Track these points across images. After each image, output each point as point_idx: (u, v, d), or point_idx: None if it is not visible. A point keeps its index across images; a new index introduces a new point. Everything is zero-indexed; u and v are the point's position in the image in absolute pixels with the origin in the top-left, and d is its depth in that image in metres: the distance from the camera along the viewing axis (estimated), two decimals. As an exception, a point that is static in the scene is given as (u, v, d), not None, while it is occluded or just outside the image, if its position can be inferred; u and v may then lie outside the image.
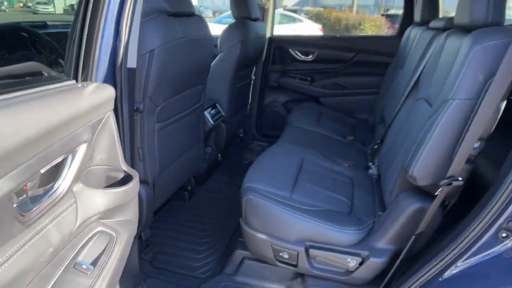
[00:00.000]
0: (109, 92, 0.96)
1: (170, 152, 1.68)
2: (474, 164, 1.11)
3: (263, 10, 2.76)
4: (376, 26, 11.84)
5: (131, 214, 1.09)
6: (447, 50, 1.35)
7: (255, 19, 2.41)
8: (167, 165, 1.67)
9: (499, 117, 1.06)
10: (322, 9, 15.16)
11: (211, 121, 2.11)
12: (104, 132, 0.98)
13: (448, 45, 1.36)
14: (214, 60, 2.27)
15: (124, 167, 1.04)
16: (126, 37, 0.97)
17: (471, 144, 1.03)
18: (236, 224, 1.68)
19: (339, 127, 2.36)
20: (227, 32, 2.21)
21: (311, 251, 1.31)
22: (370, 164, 1.82)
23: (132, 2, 0.96)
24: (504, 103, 1.05)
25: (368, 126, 2.56)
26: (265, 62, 2.91)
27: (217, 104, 2.28)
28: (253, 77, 2.73)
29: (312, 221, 1.30)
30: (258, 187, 1.42)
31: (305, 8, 18.24)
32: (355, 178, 1.70)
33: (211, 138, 2.39)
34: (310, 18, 12.63)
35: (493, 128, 1.07)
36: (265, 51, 2.86)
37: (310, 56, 2.87)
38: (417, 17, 2.14)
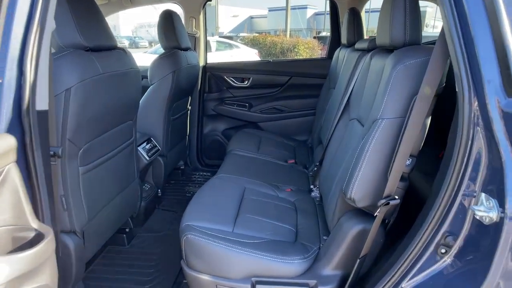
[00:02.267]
0: (7, 142, 0.83)
1: (100, 197, 1.52)
2: (409, 180, 1.14)
3: (194, 39, 2.73)
4: (309, 48, 12.54)
5: (47, 277, 0.93)
6: (373, 70, 1.41)
7: (186, 49, 2.37)
8: (98, 210, 1.51)
9: (426, 133, 1.10)
10: (257, 34, 15.72)
11: (147, 157, 1.98)
12: (4, 188, 0.83)
13: (373, 65, 1.42)
14: (145, 93, 2.17)
15: (34, 224, 0.89)
16: (32, 76, 0.85)
17: (402, 162, 1.05)
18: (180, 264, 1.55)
19: (279, 151, 2.36)
20: (157, 63, 2.13)
21: (258, 286, 1.23)
22: (312, 187, 1.82)
23: (37, 38, 0.85)
24: (429, 119, 1.10)
25: (308, 147, 2.60)
26: (201, 91, 2.86)
27: (152, 139, 2.16)
28: (189, 107, 2.66)
29: (255, 255, 1.23)
30: (197, 224, 1.32)
31: (241, 34, 18.83)
32: (298, 203, 1.67)
33: (149, 174, 2.24)
34: (246, 44, 13.01)
35: (422, 144, 1.11)
36: (199, 80, 2.81)
37: (246, 82, 2.88)
38: (343, 39, 2.25)
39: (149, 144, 2.11)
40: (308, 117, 2.85)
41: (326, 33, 17.76)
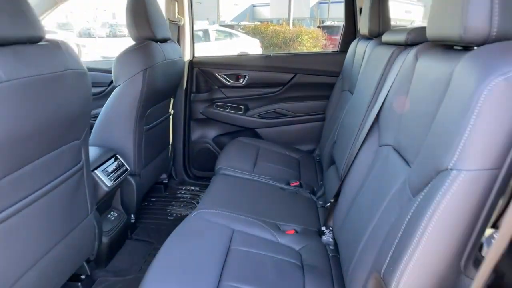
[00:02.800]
0: None
1: (22, 256, 1.06)
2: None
3: (178, 28, 2.24)
4: (313, 38, 11.96)
5: None
6: (423, 75, 0.93)
7: (164, 40, 1.88)
8: (19, 276, 1.05)
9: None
10: (259, 23, 15.13)
11: (107, 183, 1.53)
12: None
13: (423, 68, 0.94)
14: (109, 98, 1.70)
15: None
16: None
17: (500, 247, 0.58)
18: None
19: (280, 168, 1.90)
20: (122, 59, 1.65)
21: None
22: (323, 228, 1.36)
23: None
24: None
25: (315, 161, 2.13)
26: (187, 90, 2.39)
27: (118, 156, 1.70)
28: (172, 111, 2.19)
29: None
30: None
31: (242, 23, 18.19)
32: (305, 255, 1.22)
33: (116, 199, 1.79)
34: (247, 33, 12.43)
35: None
36: (185, 77, 2.33)
37: (241, 80, 2.40)
38: (363, 29, 1.77)
39: (115, 163, 1.64)
40: (315, 123, 2.38)
41: (331, 22, 17.12)
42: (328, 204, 1.36)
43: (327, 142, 1.89)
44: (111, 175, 1.57)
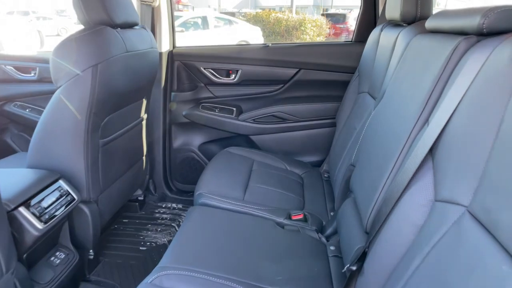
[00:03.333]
0: None
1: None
2: None
3: (152, 11, 1.79)
4: (317, 27, 11.44)
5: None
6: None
7: (129, 25, 1.44)
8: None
9: None
10: (260, 11, 14.56)
11: (38, 224, 1.10)
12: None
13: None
14: (48, 105, 1.27)
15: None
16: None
17: None
18: None
19: (279, 193, 1.47)
20: (62, 52, 1.21)
21: None
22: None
23: None
24: None
25: (322, 179, 1.71)
26: (166, 89, 1.95)
27: (62, 180, 1.27)
28: (145, 116, 1.75)
29: None
30: None
31: (243, 10, 17.58)
32: None
33: (64, 235, 1.37)
34: (248, 20, 11.89)
35: None
36: (163, 73, 1.89)
37: (233, 77, 1.96)
38: (392, 13, 1.32)
39: (55, 192, 1.22)
40: (323, 130, 1.95)
41: (335, 10, 16.45)
42: (353, 269, 0.92)
43: (340, 158, 1.46)
44: (46, 211, 1.15)
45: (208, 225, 1.21)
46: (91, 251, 1.48)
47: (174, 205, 2.09)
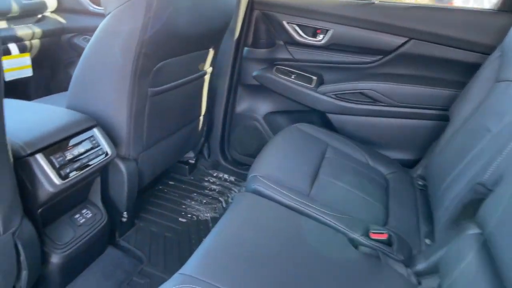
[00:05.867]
0: None
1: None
2: None
3: None
4: None
5: None
6: None
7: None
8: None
9: None
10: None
11: (56, 179, 0.90)
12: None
13: None
14: (91, 39, 1.05)
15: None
16: None
17: None
18: None
19: (356, 196, 1.11)
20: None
21: None
22: None
23: None
24: None
25: (414, 187, 1.30)
26: (239, 42, 1.64)
27: (97, 129, 1.06)
28: (210, 69, 1.47)
29: None
30: None
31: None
32: None
33: (94, 191, 1.18)
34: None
35: None
36: (239, 22, 1.58)
37: (320, 38, 1.57)
38: None
39: (86, 142, 1.01)
40: (426, 123, 1.50)
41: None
42: None
43: (453, 167, 1.03)
44: (69, 164, 0.95)
45: (257, 224, 0.91)
46: (124, 213, 1.30)
47: (226, 176, 1.85)
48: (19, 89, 1.92)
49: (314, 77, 1.61)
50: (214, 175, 1.86)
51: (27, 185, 0.89)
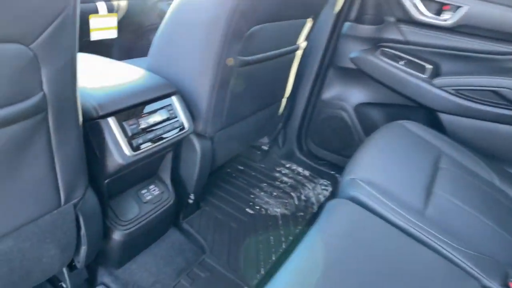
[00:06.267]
0: None
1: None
2: None
3: None
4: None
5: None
6: None
7: None
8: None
9: None
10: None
11: (126, 150, 0.77)
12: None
13: None
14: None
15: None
16: None
17: None
18: None
19: (484, 224, 0.84)
20: None
21: None
22: None
23: None
24: None
25: None
26: (340, 16, 1.39)
27: (175, 98, 0.92)
28: (304, 44, 1.25)
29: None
30: None
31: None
32: None
33: (164, 167, 1.06)
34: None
35: None
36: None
37: (447, 16, 1.26)
38: None
39: (163, 110, 0.88)
40: None
41: None
42: None
43: None
44: (142, 133, 0.81)
45: (359, 243, 0.70)
46: (191, 195, 1.17)
47: (300, 169, 1.65)
48: (102, 51, 1.90)
49: (429, 66, 1.31)
50: (287, 166, 1.67)
51: (96, 152, 0.77)
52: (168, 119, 0.88)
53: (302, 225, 1.32)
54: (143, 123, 0.81)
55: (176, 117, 0.90)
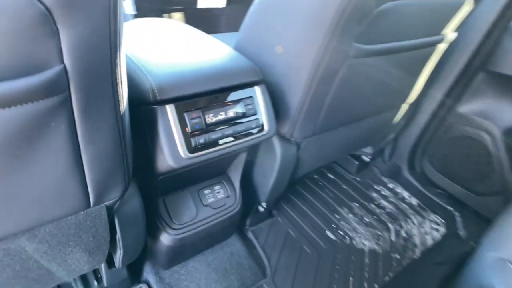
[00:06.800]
0: None
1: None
2: None
3: None
4: None
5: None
6: None
7: None
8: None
9: None
10: None
11: (182, 152, 0.60)
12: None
13: None
14: None
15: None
16: None
17: None
18: None
19: None
20: None
21: None
22: None
23: None
24: None
25: None
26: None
27: (258, 89, 0.70)
28: (453, 35, 0.90)
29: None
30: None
31: None
32: None
33: (235, 168, 0.87)
34: None
35: None
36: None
37: None
38: None
39: (239, 104, 0.67)
40: None
41: None
42: None
43: None
44: (206, 133, 0.63)
45: None
46: (263, 204, 0.98)
47: (406, 194, 1.31)
48: (208, 21, 1.79)
49: None
50: (389, 186, 1.34)
51: (149, 144, 0.62)
52: (244, 115, 0.67)
53: (395, 272, 1.02)
54: (210, 117, 0.63)
55: (255, 114, 0.69)
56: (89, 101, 0.44)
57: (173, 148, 0.59)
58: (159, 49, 0.68)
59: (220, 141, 0.64)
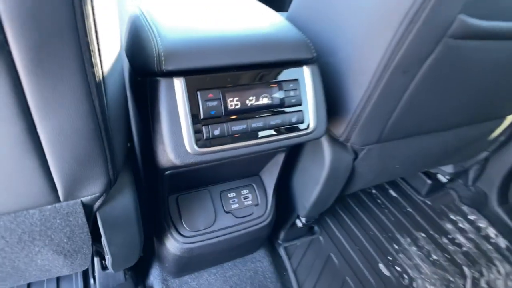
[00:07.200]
0: None
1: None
2: None
3: None
4: None
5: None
6: None
7: None
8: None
9: None
10: None
11: (190, 144, 0.44)
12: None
13: None
14: None
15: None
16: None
17: None
18: None
19: None
20: None
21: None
22: None
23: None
24: None
25: None
26: None
27: (307, 70, 0.51)
28: None
29: None
30: None
31: None
32: None
33: (269, 171, 0.70)
34: None
35: None
36: None
37: None
38: None
39: (285, 86, 0.49)
40: None
41: None
42: None
43: None
44: (227, 121, 0.46)
45: None
46: (303, 218, 0.79)
47: (492, 231, 1.02)
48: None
49: None
50: (470, 218, 1.06)
51: (150, 126, 0.47)
52: (283, 104, 0.49)
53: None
54: (233, 101, 0.45)
55: (299, 104, 0.50)
56: (40, 58, 0.29)
57: (176, 138, 0.43)
58: (184, 7, 0.53)
59: (243, 136, 0.47)
